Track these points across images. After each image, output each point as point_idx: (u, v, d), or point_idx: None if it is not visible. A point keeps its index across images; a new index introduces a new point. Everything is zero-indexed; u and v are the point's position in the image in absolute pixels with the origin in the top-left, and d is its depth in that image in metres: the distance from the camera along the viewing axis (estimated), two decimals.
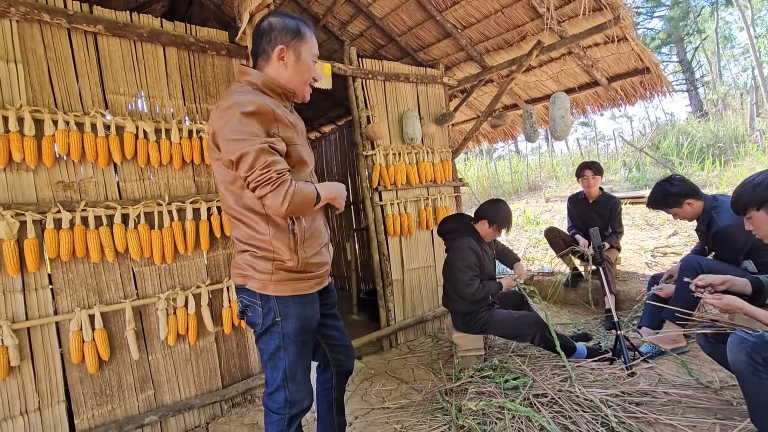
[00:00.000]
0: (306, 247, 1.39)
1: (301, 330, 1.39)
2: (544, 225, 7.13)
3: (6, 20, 2.00)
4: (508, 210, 2.78)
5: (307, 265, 1.40)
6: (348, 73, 3.33)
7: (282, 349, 1.39)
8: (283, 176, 1.21)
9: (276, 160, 1.22)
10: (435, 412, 2.27)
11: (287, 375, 1.40)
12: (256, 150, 1.19)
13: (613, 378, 2.28)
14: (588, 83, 3.92)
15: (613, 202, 3.70)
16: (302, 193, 1.24)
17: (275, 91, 1.37)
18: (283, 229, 1.35)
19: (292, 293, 1.38)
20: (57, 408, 2.06)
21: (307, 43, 1.39)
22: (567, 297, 4.05)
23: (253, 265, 1.36)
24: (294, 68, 1.38)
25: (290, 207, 1.21)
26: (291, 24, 1.36)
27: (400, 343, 3.50)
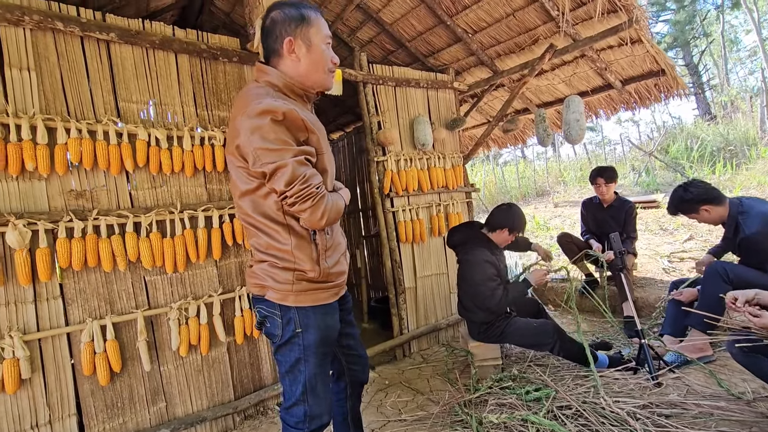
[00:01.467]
0: (327, 257, 1.35)
1: (322, 341, 1.34)
2: (555, 230, 7.05)
3: (20, 29, 1.99)
4: (522, 213, 2.75)
5: (329, 275, 1.35)
6: (358, 79, 3.31)
7: (303, 361, 1.33)
8: (320, 191, 1.18)
9: (313, 173, 1.19)
10: (454, 425, 2.20)
11: (307, 388, 1.34)
12: (294, 163, 1.15)
13: (639, 388, 2.20)
14: (601, 86, 3.87)
15: (629, 207, 3.63)
16: (336, 207, 1.25)
17: (296, 92, 1.31)
18: (305, 240, 1.31)
19: (313, 303, 1.33)
20: (68, 421, 2.02)
21: (313, 26, 1.29)
22: (582, 304, 3.96)
23: (272, 275, 1.31)
24: (307, 58, 1.29)
25: (328, 220, 1.21)
26: (293, 12, 1.27)
27: (414, 352, 3.43)
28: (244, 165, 1.24)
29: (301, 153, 1.19)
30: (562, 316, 3.85)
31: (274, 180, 1.17)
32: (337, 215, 1.25)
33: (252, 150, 1.17)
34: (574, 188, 11.93)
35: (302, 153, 1.19)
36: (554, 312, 3.98)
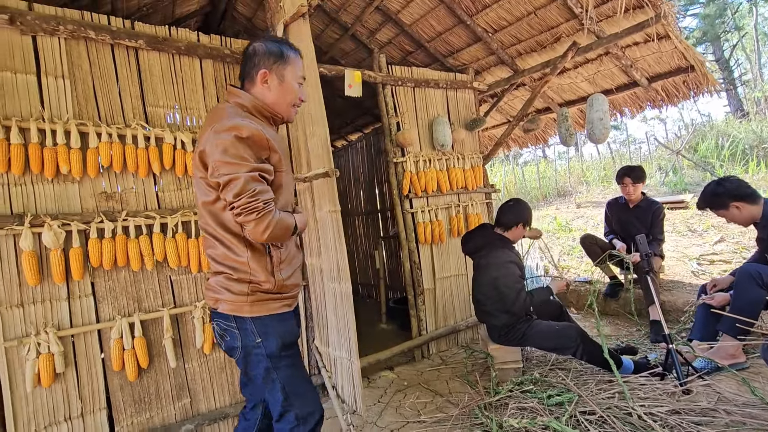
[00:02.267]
0: (282, 270, 1.40)
1: (283, 347, 1.38)
2: (577, 231, 6.90)
3: (55, 38, 2.08)
4: (526, 203, 2.79)
5: (283, 286, 1.40)
6: (378, 81, 3.32)
7: (272, 369, 1.37)
8: (268, 206, 1.23)
9: (264, 189, 1.25)
10: (474, 428, 2.18)
11: (288, 392, 1.38)
12: (246, 177, 1.21)
13: (667, 395, 2.13)
14: (626, 84, 3.77)
15: (657, 208, 3.52)
16: (283, 224, 1.28)
17: (264, 114, 1.40)
18: (260, 252, 1.36)
19: (268, 313, 1.37)
20: (99, 415, 2.10)
21: (290, 65, 1.42)
22: (606, 307, 3.87)
23: (227, 287, 1.35)
24: (278, 90, 1.41)
25: (270, 236, 1.25)
26: (273, 48, 1.40)
27: (432, 354, 3.42)
28: (204, 175, 1.31)
29: (256, 170, 1.25)
30: (585, 319, 3.76)
31: (225, 190, 1.23)
32: (283, 232, 1.29)
33: (212, 161, 1.25)
34: (597, 188, 11.63)
35: (257, 170, 1.25)
36: (577, 315, 3.90)
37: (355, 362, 2.12)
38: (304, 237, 2.76)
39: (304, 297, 2.82)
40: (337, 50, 4.27)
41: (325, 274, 2.39)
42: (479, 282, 2.74)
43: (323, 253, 2.39)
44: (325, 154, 2.11)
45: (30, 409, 1.93)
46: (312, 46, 2.11)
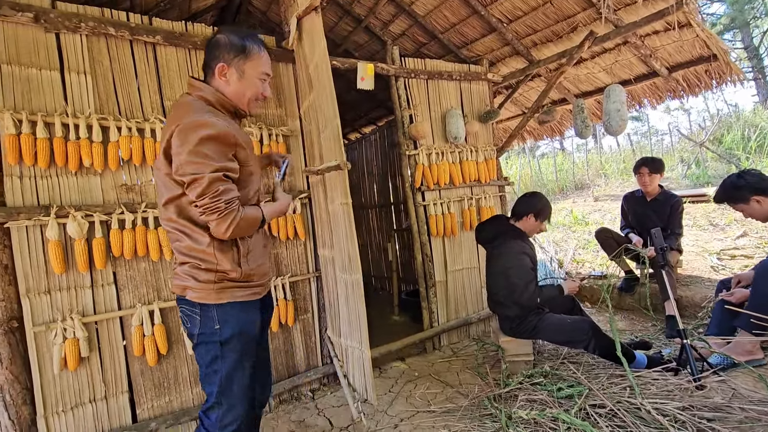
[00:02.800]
0: (249, 260, 1.42)
1: (240, 336, 1.38)
2: (594, 225, 6.79)
3: (77, 35, 2.15)
4: (547, 200, 2.75)
5: (250, 275, 1.42)
6: (391, 73, 3.32)
7: (219, 359, 1.36)
8: (230, 206, 1.25)
9: (227, 189, 1.25)
10: (483, 419, 2.20)
11: (222, 387, 1.36)
12: (210, 178, 1.22)
13: (680, 390, 2.11)
14: (645, 74, 3.67)
15: (675, 201, 3.44)
16: (247, 219, 1.30)
17: (227, 108, 1.40)
18: (226, 243, 1.37)
19: (232, 300, 1.38)
20: (121, 398, 2.19)
21: (252, 60, 1.39)
22: (621, 302, 3.82)
23: (194, 275, 1.37)
24: (237, 85, 1.40)
25: (233, 233, 1.27)
26: (236, 42, 1.37)
27: (444, 346, 3.44)
28: (169, 171, 1.30)
29: (221, 169, 1.25)
30: (599, 314, 3.73)
31: (189, 189, 1.25)
32: (248, 227, 1.32)
33: (177, 159, 1.25)
34: (616, 181, 11.39)
35: (222, 169, 1.25)
36: (591, 309, 3.86)
37: (365, 352, 2.16)
38: (316, 227, 2.81)
39: (316, 287, 2.87)
40: (350, 43, 4.28)
41: (337, 266, 2.43)
42: (491, 272, 2.75)
43: (335, 244, 2.42)
44: (336, 146, 2.14)
45: (57, 390, 2.04)
46: (324, 40, 2.12)
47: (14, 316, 1.95)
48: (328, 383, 2.88)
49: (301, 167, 2.84)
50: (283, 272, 2.73)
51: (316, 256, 2.87)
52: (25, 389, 1.97)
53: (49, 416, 2.01)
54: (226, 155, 1.29)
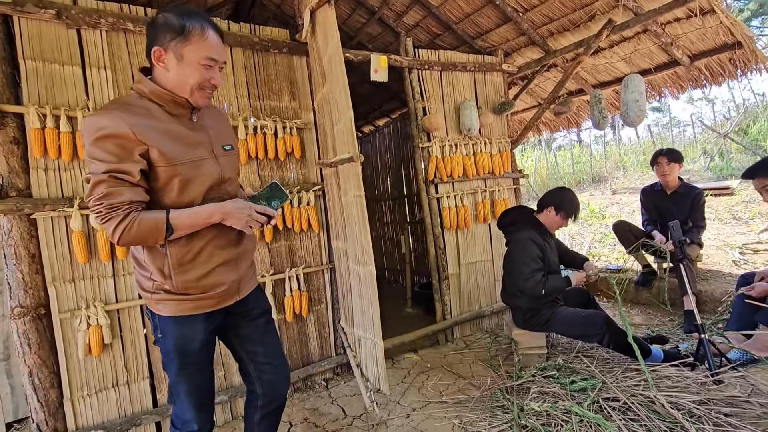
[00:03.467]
0: (186, 270, 1.29)
1: (177, 350, 1.33)
2: (611, 218, 6.68)
3: (97, 31, 2.20)
4: (574, 195, 2.69)
5: (189, 288, 1.31)
6: (404, 65, 3.30)
7: (166, 365, 1.38)
8: (113, 212, 1.14)
9: (111, 192, 1.14)
10: (495, 410, 2.21)
11: (173, 392, 1.39)
12: (95, 180, 1.14)
13: (697, 385, 2.08)
14: (666, 63, 3.57)
15: (696, 194, 3.36)
16: (142, 226, 1.16)
17: (164, 99, 1.26)
18: (155, 251, 1.28)
19: (171, 314, 1.32)
20: (142, 383, 2.27)
21: (192, 43, 1.21)
22: (638, 296, 3.77)
23: (139, 282, 1.36)
24: (176, 72, 1.23)
25: (124, 240, 1.16)
26: (173, 22, 1.21)
27: (456, 338, 3.45)
28: None
29: (110, 170, 1.14)
30: (614, 308, 3.68)
31: (86, 192, 1.18)
32: (144, 236, 1.18)
33: None
34: (635, 174, 11.14)
35: (112, 170, 1.14)
36: (607, 303, 3.81)
37: (378, 342, 2.19)
38: (330, 219, 2.84)
39: (330, 279, 2.91)
40: (363, 35, 4.26)
41: (350, 257, 2.46)
42: (505, 260, 2.75)
43: (348, 236, 2.45)
44: (350, 139, 2.15)
45: (82, 375, 2.12)
46: (337, 32, 2.13)
47: (41, 303, 2.04)
48: (341, 373, 2.93)
49: (315, 159, 2.86)
50: (297, 264, 2.78)
51: (330, 247, 2.91)
52: (53, 373, 2.06)
53: (75, 399, 2.10)
54: (123, 156, 1.16)
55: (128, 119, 1.17)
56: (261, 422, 1.60)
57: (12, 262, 1.98)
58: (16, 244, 1.99)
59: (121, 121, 1.16)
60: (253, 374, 1.57)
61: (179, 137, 1.27)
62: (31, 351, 2.00)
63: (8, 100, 1.99)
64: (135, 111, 1.21)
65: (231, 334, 1.53)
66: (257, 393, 1.58)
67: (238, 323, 1.51)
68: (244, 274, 1.45)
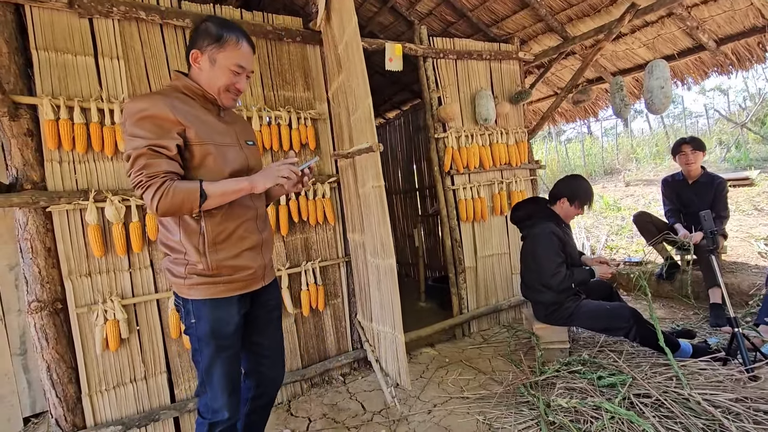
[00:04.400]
0: (219, 250, 1.37)
1: (212, 334, 1.37)
2: (626, 211, 6.56)
3: (109, 20, 2.15)
4: (586, 182, 2.62)
5: (221, 268, 1.37)
6: (419, 54, 3.22)
7: (199, 351, 1.39)
8: (152, 180, 1.21)
9: (151, 164, 1.22)
10: (519, 406, 2.15)
11: (205, 378, 1.40)
12: (136, 153, 1.22)
13: (731, 381, 2.00)
14: (690, 48, 3.45)
15: (719, 183, 3.25)
16: (177, 192, 1.22)
17: (195, 93, 1.39)
18: (192, 230, 1.35)
19: (205, 297, 1.37)
20: (160, 378, 2.24)
21: (226, 50, 1.36)
22: (660, 290, 3.67)
23: (170, 269, 1.40)
24: (208, 73, 1.38)
25: (162, 207, 1.21)
26: (213, 30, 1.36)
27: (473, 332, 3.39)
28: None
29: (151, 145, 1.23)
30: (636, 301, 3.59)
31: (127, 167, 1.25)
32: (180, 203, 1.23)
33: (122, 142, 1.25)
34: (648, 166, 10.95)
35: (152, 145, 1.23)
36: (627, 297, 3.73)
37: (399, 336, 2.14)
38: (346, 212, 2.78)
39: (346, 272, 2.86)
40: (375, 24, 4.18)
41: (368, 250, 2.40)
42: (522, 254, 2.68)
43: (366, 229, 2.39)
44: (368, 128, 2.08)
45: (100, 370, 2.10)
46: (355, 17, 2.05)
47: (58, 297, 2.01)
48: (358, 368, 2.88)
49: (330, 151, 2.80)
50: (312, 257, 2.73)
51: (346, 240, 2.85)
52: (71, 368, 2.03)
53: (93, 394, 2.08)
54: (163, 133, 1.26)
55: (167, 102, 1.29)
56: (250, 415, 1.64)
57: (28, 256, 1.95)
58: (32, 238, 1.96)
59: (160, 103, 1.27)
60: (249, 365, 1.60)
61: (209, 123, 1.39)
62: (48, 346, 1.98)
63: (21, 91, 1.95)
64: (172, 97, 1.33)
65: (247, 322, 1.54)
66: (250, 385, 1.63)
67: (257, 314, 1.55)
68: (267, 262, 1.54)
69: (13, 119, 1.92)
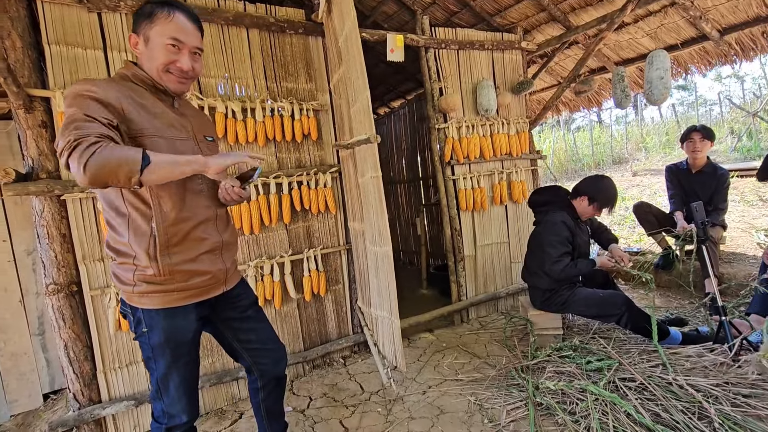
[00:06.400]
0: (173, 253, 1.26)
1: (167, 344, 1.29)
2: (631, 201, 6.54)
3: (117, 14, 2.23)
4: (613, 187, 2.62)
5: (174, 273, 1.26)
6: (420, 44, 3.25)
7: (152, 359, 1.31)
8: (84, 138, 1.01)
9: (84, 126, 1.04)
10: (510, 388, 2.25)
11: (160, 386, 1.34)
12: (70, 119, 1.06)
13: (715, 367, 2.07)
14: (694, 38, 3.43)
15: (721, 174, 3.27)
16: (113, 153, 1.01)
17: (144, 81, 1.28)
18: (142, 231, 1.23)
19: (157, 306, 1.27)
20: None
21: (157, 24, 1.23)
22: (657, 279, 3.71)
23: (117, 274, 1.29)
24: (146, 55, 1.26)
25: (90, 168, 0.98)
26: (145, 8, 1.25)
27: (472, 319, 3.48)
28: None
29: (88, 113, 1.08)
30: (633, 290, 3.65)
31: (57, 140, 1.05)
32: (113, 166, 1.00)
33: None
34: (657, 155, 10.83)
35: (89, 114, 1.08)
36: (625, 286, 3.78)
37: (395, 321, 2.23)
38: (347, 201, 2.86)
39: (347, 259, 2.95)
40: (379, 14, 4.19)
41: (367, 238, 2.49)
42: (530, 239, 2.76)
43: (365, 217, 2.47)
44: (366, 120, 2.15)
45: (114, 349, 2.23)
46: (354, 10, 2.10)
47: (73, 280, 2.13)
48: (358, 351, 3.00)
49: (331, 141, 2.87)
50: (314, 245, 2.82)
51: (347, 229, 2.94)
52: (86, 347, 2.16)
53: (107, 372, 2.22)
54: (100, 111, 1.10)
55: (111, 87, 1.17)
56: (266, 399, 1.66)
57: (45, 242, 2.07)
58: (48, 225, 2.07)
59: (108, 89, 1.16)
60: (248, 360, 1.59)
61: (158, 114, 1.26)
62: (65, 326, 2.11)
63: (35, 84, 2.05)
64: (117, 85, 1.21)
65: (222, 326, 1.53)
66: (255, 376, 1.63)
67: (228, 316, 1.51)
68: (230, 266, 1.46)
69: (28, 111, 2.02)
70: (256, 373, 1.62)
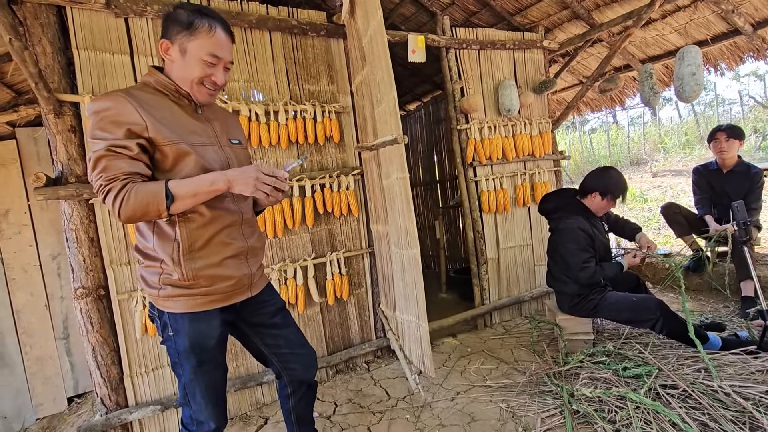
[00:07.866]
0: (197, 258, 1.25)
1: (192, 349, 1.29)
2: (654, 202, 6.39)
3: (143, 19, 2.24)
4: (620, 176, 2.55)
5: (198, 278, 1.26)
6: (441, 44, 3.21)
7: (178, 365, 1.32)
8: (111, 183, 1.10)
9: (110, 165, 1.10)
10: (543, 395, 2.17)
11: (187, 392, 1.34)
12: (96, 156, 1.11)
13: (763, 373, 1.96)
14: (725, 33, 3.32)
15: (755, 173, 3.15)
16: (140, 194, 1.10)
17: (168, 88, 1.27)
18: (166, 236, 1.23)
19: (182, 310, 1.27)
20: None
21: (197, 39, 1.22)
22: (688, 282, 3.58)
23: (144, 277, 1.30)
24: (180, 65, 1.25)
25: (124, 212, 1.09)
26: (182, 17, 1.23)
27: (495, 323, 3.41)
28: None
29: (111, 146, 1.12)
30: (662, 294, 3.53)
31: (89, 173, 1.15)
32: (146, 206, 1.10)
33: None
34: (677, 156, 10.59)
35: (113, 146, 1.12)
36: (654, 289, 3.66)
37: (423, 325, 2.18)
38: (369, 203, 2.83)
39: (370, 263, 2.91)
40: (396, 16, 4.17)
41: (392, 241, 2.44)
42: (550, 246, 2.67)
43: (390, 220, 2.43)
44: (393, 120, 2.11)
45: (140, 353, 2.22)
46: (380, 10, 2.07)
47: (101, 284, 2.13)
48: (381, 356, 2.95)
49: (353, 143, 2.85)
50: (337, 248, 2.79)
51: (369, 231, 2.90)
52: (113, 351, 2.16)
53: (133, 376, 2.21)
54: (124, 134, 1.13)
55: (130, 100, 1.17)
56: (297, 406, 1.64)
57: (74, 246, 2.08)
58: (77, 229, 2.08)
59: (125, 101, 1.16)
60: (278, 366, 1.57)
61: (180, 122, 1.26)
62: (93, 329, 2.10)
63: (65, 89, 2.06)
64: (137, 95, 1.21)
65: (250, 331, 1.51)
66: (285, 382, 1.61)
67: (255, 321, 1.49)
68: (255, 271, 1.43)
69: (58, 116, 2.03)
70: (285, 378, 1.60)
